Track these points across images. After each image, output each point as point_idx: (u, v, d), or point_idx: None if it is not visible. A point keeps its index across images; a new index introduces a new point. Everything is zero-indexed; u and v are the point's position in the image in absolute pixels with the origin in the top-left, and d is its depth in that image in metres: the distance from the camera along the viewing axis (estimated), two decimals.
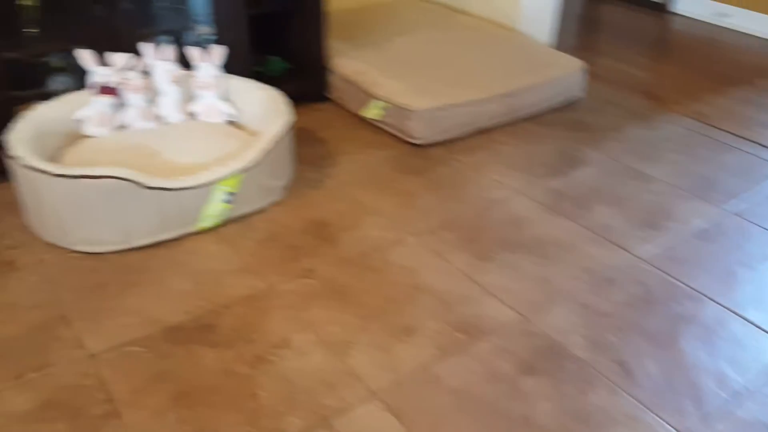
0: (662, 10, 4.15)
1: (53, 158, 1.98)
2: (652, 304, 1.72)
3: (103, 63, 2.07)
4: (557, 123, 2.64)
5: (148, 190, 1.77)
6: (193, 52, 2.20)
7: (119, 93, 2.10)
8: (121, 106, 2.12)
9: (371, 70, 2.57)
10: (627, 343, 1.59)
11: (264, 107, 2.20)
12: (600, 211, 2.08)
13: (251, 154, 1.93)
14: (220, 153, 2.04)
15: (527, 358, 1.54)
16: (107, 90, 2.07)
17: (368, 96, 2.52)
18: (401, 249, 1.88)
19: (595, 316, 1.67)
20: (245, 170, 1.91)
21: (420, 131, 2.38)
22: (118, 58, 2.09)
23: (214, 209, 1.90)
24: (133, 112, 2.12)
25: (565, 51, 2.97)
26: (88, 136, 2.08)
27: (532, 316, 1.66)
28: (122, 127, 2.13)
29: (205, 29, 2.39)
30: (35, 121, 1.96)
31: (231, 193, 1.90)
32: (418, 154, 2.38)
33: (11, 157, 1.78)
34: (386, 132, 2.51)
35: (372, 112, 2.52)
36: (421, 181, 2.22)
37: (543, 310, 1.68)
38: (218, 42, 2.31)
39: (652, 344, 1.59)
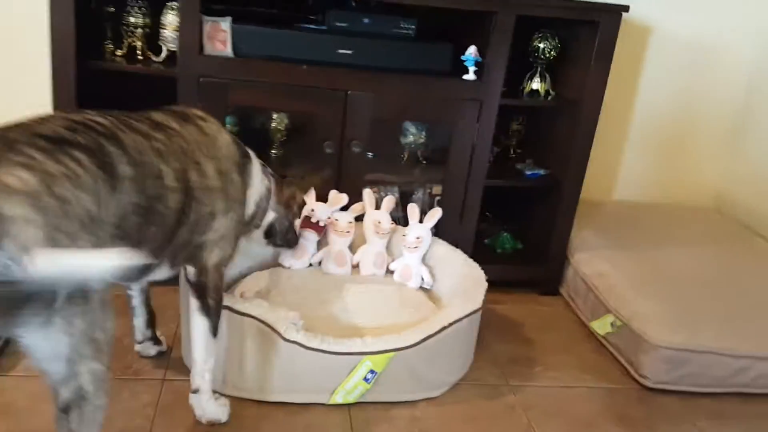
0: None
1: (238, 279, 1.93)
2: None
3: (322, 199, 2.01)
4: None
5: (284, 342, 1.57)
6: (411, 209, 2.03)
7: (325, 232, 2.01)
8: (321, 244, 2.02)
9: (617, 276, 2.09)
10: None
11: (461, 284, 1.89)
12: None
13: (412, 334, 1.62)
14: (392, 321, 1.77)
15: None
16: (314, 226, 1.99)
17: (603, 306, 2.04)
18: None
19: None
20: (398, 350, 1.60)
21: (653, 371, 1.81)
22: (335, 197, 2.01)
23: (353, 385, 1.61)
24: (330, 254, 2.00)
25: None
26: (281, 265, 2.01)
27: None
28: (316, 265, 2.02)
29: (436, 189, 2.22)
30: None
31: (373, 371, 1.60)
32: (643, 400, 1.80)
33: None
34: (612, 357, 1.98)
35: (602, 327, 2.02)
36: None
37: None
38: (445, 204, 2.11)
39: None
